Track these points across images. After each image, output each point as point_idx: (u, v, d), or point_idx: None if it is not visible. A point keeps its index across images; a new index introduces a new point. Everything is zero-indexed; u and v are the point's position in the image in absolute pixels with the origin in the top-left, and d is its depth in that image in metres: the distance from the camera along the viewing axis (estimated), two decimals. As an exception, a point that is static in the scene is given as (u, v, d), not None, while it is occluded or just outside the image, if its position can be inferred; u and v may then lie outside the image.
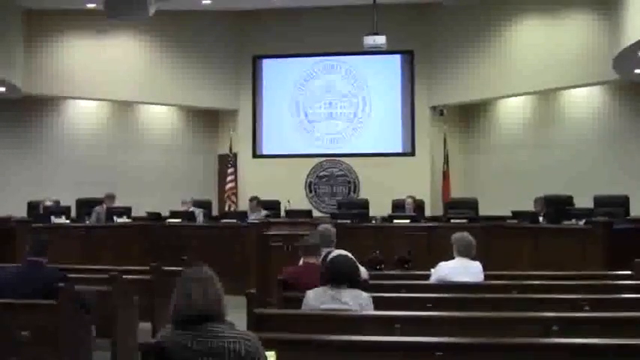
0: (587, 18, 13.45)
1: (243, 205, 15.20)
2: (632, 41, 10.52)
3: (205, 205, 13.92)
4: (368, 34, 13.49)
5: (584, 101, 14.42)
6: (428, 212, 14.55)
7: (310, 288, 5.30)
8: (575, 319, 5.08)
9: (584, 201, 11.61)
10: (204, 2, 15.15)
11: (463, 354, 4.23)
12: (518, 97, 15.42)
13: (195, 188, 15.97)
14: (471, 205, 12.94)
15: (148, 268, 7.88)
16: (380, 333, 4.69)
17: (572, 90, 14.42)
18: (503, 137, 15.88)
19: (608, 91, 14.02)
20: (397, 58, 16.51)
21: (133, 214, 12.68)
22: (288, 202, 13.73)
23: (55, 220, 11.97)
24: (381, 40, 13.42)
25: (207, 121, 17.64)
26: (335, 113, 16.77)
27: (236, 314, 3.95)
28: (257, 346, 3.43)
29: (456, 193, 15.68)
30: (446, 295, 6.15)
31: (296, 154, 16.72)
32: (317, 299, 5.17)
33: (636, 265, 7.42)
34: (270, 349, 3.72)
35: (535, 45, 14.39)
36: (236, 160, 16.66)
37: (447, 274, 6.65)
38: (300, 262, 6.53)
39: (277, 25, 16.55)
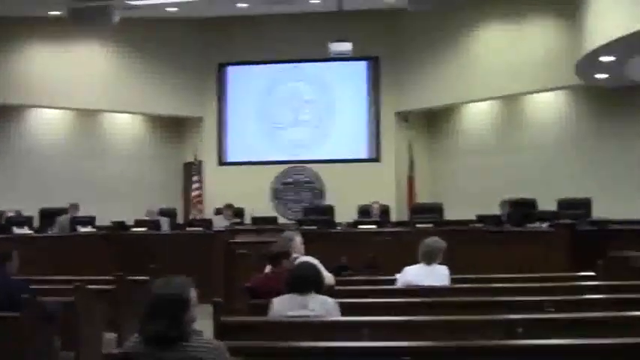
0: (550, 24, 13.63)
1: (209, 212, 15.15)
2: (594, 47, 10.73)
3: (170, 214, 13.84)
4: (333, 41, 13.52)
5: (548, 106, 14.58)
6: (394, 217, 14.58)
7: (276, 295, 5.29)
8: (540, 320, 5.12)
9: (548, 204, 11.72)
10: (168, 10, 15.09)
11: (430, 358, 4.24)
12: (483, 102, 15.54)
13: (161, 196, 15.89)
14: (437, 209, 12.98)
15: (112, 277, 7.80)
16: (347, 338, 4.68)
17: (535, 95, 14.59)
18: (468, 142, 15.99)
19: (571, 95, 14.20)
20: (363, 64, 16.58)
21: (98, 223, 12.57)
22: (253, 209, 13.70)
23: (17, 230, 11.83)
24: (346, 46, 13.46)
25: (173, 129, 17.55)
26: (300, 120, 16.79)
27: (202, 322, 3.92)
28: (223, 355, 3.42)
29: (422, 198, 15.77)
30: (412, 300, 6.16)
31: (261, 161, 16.70)
32: (283, 306, 5.16)
33: (599, 266, 7.53)
34: (237, 358, 3.71)
35: (499, 51, 14.54)
36: (201, 167, 16.60)
37: (413, 279, 6.68)
38: (267, 270, 6.51)
39: (242, 32, 16.52)
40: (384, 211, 13.74)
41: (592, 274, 7.51)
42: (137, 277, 7.75)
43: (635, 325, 5.03)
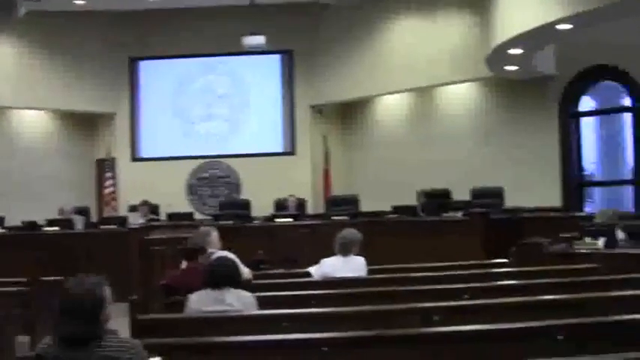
0: (461, 18, 13.86)
1: (124, 209, 14.92)
2: (503, 40, 11.03)
3: (84, 212, 13.58)
4: (247, 35, 13.46)
5: (461, 97, 14.83)
6: (310, 210, 14.64)
7: (193, 291, 5.26)
8: (455, 307, 5.23)
9: (462, 194, 11.95)
10: (77, 2, 14.73)
11: (348, 348, 4.27)
12: (397, 94, 15.69)
13: (74, 195, 15.54)
14: (352, 201, 13.12)
15: (24, 279, 7.60)
16: (266, 332, 4.68)
17: (448, 87, 14.80)
18: (383, 134, 16.13)
19: (482, 87, 14.47)
20: (277, 57, 16.53)
21: (8, 223, 12.24)
22: (169, 205, 13.56)
23: None
24: (260, 40, 13.43)
25: (84, 125, 17.14)
26: (215, 114, 16.64)
27: (119, 321, 3.87)
28: (140, 354, 3.37)
29: (338, 190, 15.84)
30: (330, 291, 6.20)
31: (176, 156, 16.49)
32: (200, 302, 5.13)
33: (512, 253, 7.73)
34: (155, 356, 3.67)
35: (412, 44, 14.69)
36: (114, 164, 16.30)
37: (330, 270, 6.73)
38: (183, 266, 6.46)
39: (154, 26, 16.26)
40: (300, 204, 13.82)
41: (505, 260, 7.71)
42: (51, 278, 7.57)
43: (547, 309, 5.18)
